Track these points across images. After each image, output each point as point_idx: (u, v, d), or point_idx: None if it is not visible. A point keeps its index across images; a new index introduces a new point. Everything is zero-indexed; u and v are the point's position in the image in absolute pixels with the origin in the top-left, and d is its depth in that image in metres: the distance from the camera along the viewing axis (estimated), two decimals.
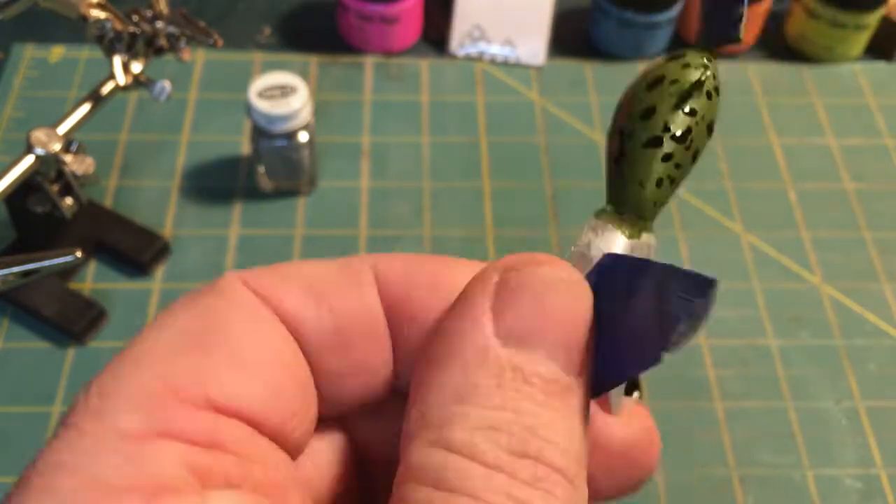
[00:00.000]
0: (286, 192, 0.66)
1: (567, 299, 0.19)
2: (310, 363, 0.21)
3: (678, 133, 0.21)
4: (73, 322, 0.57)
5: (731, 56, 0.78)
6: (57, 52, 0.74)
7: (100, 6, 0.54)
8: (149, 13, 0.56)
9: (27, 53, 0.74)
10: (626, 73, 0.76)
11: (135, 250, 0.61)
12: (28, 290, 0.58)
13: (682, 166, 0.22)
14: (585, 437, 0.19)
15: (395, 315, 0.21)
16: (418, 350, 0.20)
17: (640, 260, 0.20)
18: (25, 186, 0.54)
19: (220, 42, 0.55)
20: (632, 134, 0.22)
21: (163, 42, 0.57)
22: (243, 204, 0.65)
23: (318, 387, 0.21)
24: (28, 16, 0.52)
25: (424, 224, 0.65)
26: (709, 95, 0.21)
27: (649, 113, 0.22)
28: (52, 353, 0.57)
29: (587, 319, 0.19)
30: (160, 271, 0.61)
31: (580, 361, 0.19)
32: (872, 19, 0.75)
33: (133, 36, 0.55)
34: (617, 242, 0.22)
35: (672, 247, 0.64)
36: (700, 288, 0.18)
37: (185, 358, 0.19)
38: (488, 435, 0.17)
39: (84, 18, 0.54)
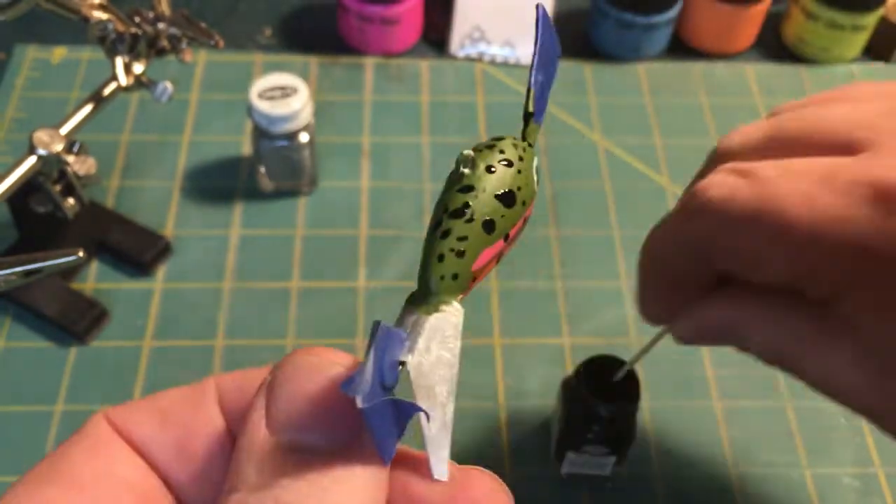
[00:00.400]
0: (287, 193, 0.66)
1: (310, 377, 0.22)
2: (163, 477, 0.23)
3: (451, 209, 0.24)
4: (75, 322, 0.57)
5: (730, 56, 0.78)
6: (59, 52, 0.74)
7: (101, 7, 0.55)
8: (150, 14, 0.56)
9: (29, 54, 0.74)
10: (626, 74, 0.76)
11: (136, 250, 0.61)
12: (30, 289, 0.58)
13: (467, 237, 0.24)
14: (375, 501, 0.20)
15: (235, 423, 0.24)
16: None
17: (392, 333, 0.22)
18: (27, 187, 0.55)
19: (221, 43, 0.56)
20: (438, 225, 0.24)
21: (164, 43, 0.57)
22: (244, 204, 0.65)
23: (178, 496, 0.24)
24: (30, 17, 0.52)
25: (424, 224, 0.65)
26: (489, 169, 0.24)
27: (439, 203, 0.25)
28: (54, 353, 0.57)
29: (333, 394, 0.21)
30: (162, 271, 0.62)
31: (343, 430, 0.21)
32: (870, 20, 0.75)
33: (135, 37, 0.56)
34: (418, 322, 0.23)
35: None
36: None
37: (26, 488, 0.22)
38: None
39: (86, 19, 0.54)
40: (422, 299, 0.24)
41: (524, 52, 0.77)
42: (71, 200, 0.58)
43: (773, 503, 0.53)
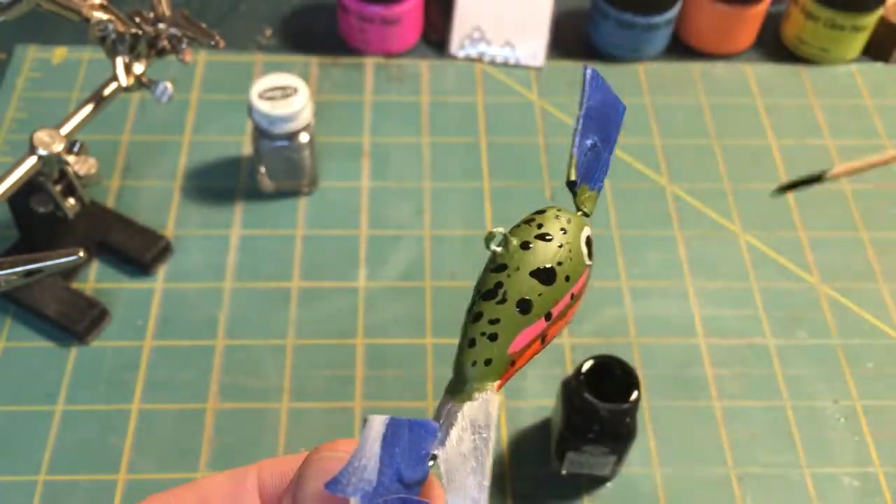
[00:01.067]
0: (287, 193, 0.66)
1: (320, 473, 0.22)
2: None
3: (483, 290, 0.23)
4: (76, 322, 0.57)
5: (730, 56, 0.78)
6: (59, 53, 0.75)
7: (102, 8, 0.55)
8: (151, 15, 0.56)
9: (30, 54, 0.74)
10: (626, 74, 0.76)
11: (137, 250, 0.61)
12: (31, 289, 0.58)
13: (500, 320, 0.23)
14: None
15: None
16: None
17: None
18: (28, 187, 0.55)
19: (222, 43, 0.56)
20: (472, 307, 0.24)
21: (165, 43, 0.57)
22: (244, 204, 0.65)
23: None
24: (31, 17, 0.52)
25: (424, 224, 0.65)
26: (525, 245, 0.23)
27: (476, 284, 0.24)
28: (55, 353, 0.57)
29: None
30: (162, 271, 0.62)
31: None
32: (870, 21, 0.75)
33: (135, 37, 0.56)
34: (451, 411, 0.22)
35: (671, 247, 0.65)
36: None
37: None
38: None
39: (86, 20, 0.54)
40: (457, 387, 0.23)
41: (524, 52, 0.77)
42: (71, 200, 0.58)
43: (773, 503, 0.53)
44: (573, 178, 0.25)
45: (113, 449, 0.54)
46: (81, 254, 0.48)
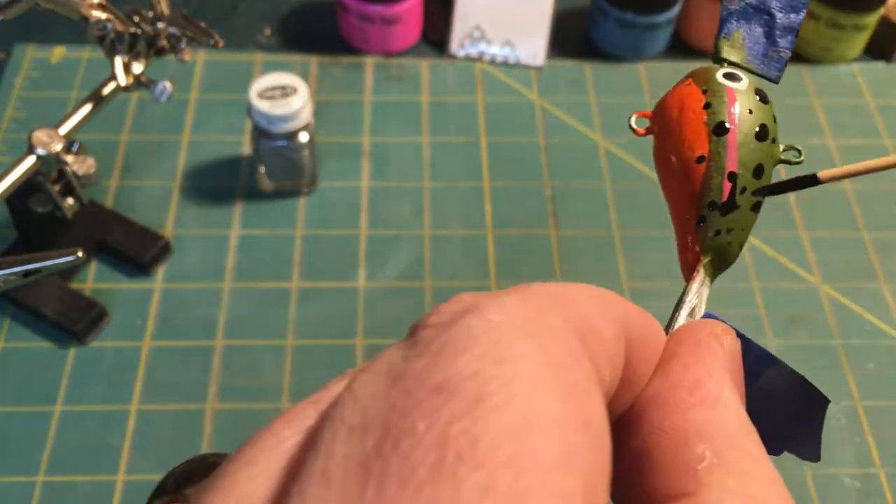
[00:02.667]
0: (287, 193, 0.66)
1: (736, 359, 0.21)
2: None
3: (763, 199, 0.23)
4: (74, 322, 0.57)
5: None
6: (58, 52, 0.74)
7: (101, 7, 0.54)
8: (150, 14, 0.56)
9: (28, 54, 0.74)
10: (626, 74, 0.76)
11: (136, 250, 0.61)
12: (29, 290, 0.58)
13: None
14: None
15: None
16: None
17: (765, 350, 0.22)
18: (27, 187, 0.55)
19: (221, 43, 0.56)
20: (745, 190, 0.22)
21: (164, 43, 0.57)
22: (244, 204, 0.65)
23: None
24: (29, 16, 0.52)
25: (424, 224, 0.65)
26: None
27: (759, 172, 0.22)
28: (53, 353, 0.57)
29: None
30: (161, 271, 0.61)
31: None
32: (871, 20, 0.75)
33: (134, 37, 0.56)
34: (706, 293, 0.23)
35: (671, 247, 0.64)
36: (822, 403, 0.22)
37: None
38: None
39: (85, 19, 0.54)
40: (713, 271, 0.23)
41: (524, 51, 0.77)
42: (70, 200, 0.58)
43: None
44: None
45: (112, 449, 0.53)
46: (80, 254, 0.48)
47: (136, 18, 0.55)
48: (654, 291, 0.62)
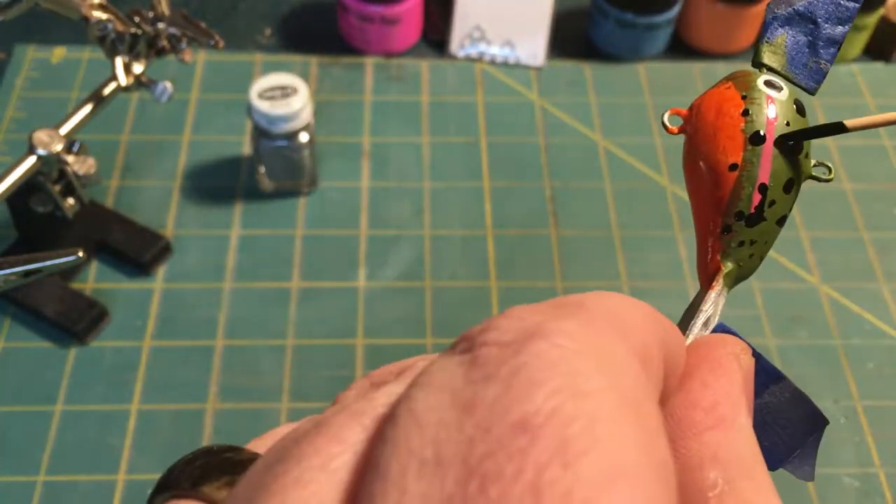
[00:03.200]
0: (287, 193, 0.66)
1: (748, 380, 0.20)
2: None
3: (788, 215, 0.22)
4: (75, 322, 0.57)
5: (729, 57, 0.78)
6: (59, 52, 0.74)
7: (101, 7, 0.55)
8: (150, 14, 0.56)
9: (29, 54, 0.74)
10: (626, 74, 0.76)
11: (136, 250, 0.61)
12: (30, 289, 0.58)
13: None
14: None
15: None
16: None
17: (771, 365, 0.22)
18: (27, 187, 0.55)
19: (221, 43, 0.56)
20: (773, 203, 0.22)
21: (164, 43, 0.57)
22: (244, 204, 0.65)
23: None
24: (30, 17, 0.52)
25: (424, 224, 0.65)
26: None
27: (790, 186, 0.22)
28: (54, 353, 0.57)
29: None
30: (161, 271, 0.62)
31: None
32: (871, 20, 0.75)
33: (134, 37, 0.56)
34: (722, 303, 0.22)
35: (671, 247, 0.65)
36: (821, 424, 0.21)
37: None
38: None
39: (86, 19, 0.54)
40: (732, 282, 0.23)
41: (524, 52, 0.77)
42: (71, 200, 0.58)
43: None
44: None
45: (112, 449, 0.53)
46: (80, 254, 0.48)
47: (137, 19, 0.55)
48: (654, 291, 0.62)
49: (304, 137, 0.63)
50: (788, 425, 0.22)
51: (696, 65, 0.77)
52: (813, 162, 0.23)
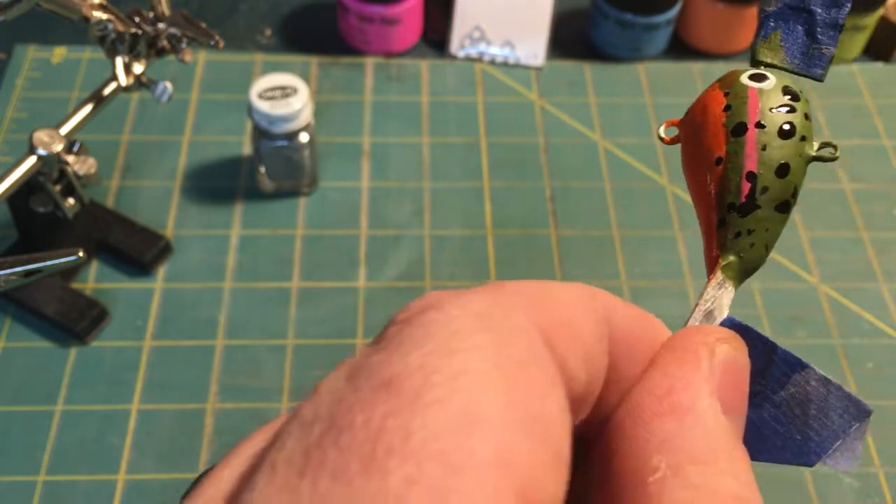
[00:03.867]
0: (287, 193, 0.66)
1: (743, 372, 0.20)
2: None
3: (797, 198, 0.22)
4: (75, 322, 0.57)
5: (729, 57, 0.78)
6: (59, 52, 0.75)
7: (101, 7, 0.55)
8: (150, 14, 0.56)
9: (29, 54, 0.74)
10: (626, 74, 0.76)
11: (136, 250, 0.61)
12: (30, 289, 0.58)
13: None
14: None
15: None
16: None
17: (792, 355, 0.21)
18: (28, 187, 0.55)
19: (221, 43, 0.56)
20: (766, 189, 0.22)
21: (164, 43, 0.57)
22: (244, 204, 0.65)
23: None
24: (30, 17, 0.52)
25: (424, 224, 0.65)
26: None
27: (784, 171, 0.22)
28: (54, 353, 0.57)
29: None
30: (162, 271, 0.62)
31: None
32: (870, 20, 0.75)
33: (135, 37, 0.56)
34: (729, 297, 0.22)
35: (671, 247, 0.65)
36: (862, 413, 0.21)
37: None
38: None
39: (86, 20, 0.54)
40: (737, 275, 0.23)
41: (524, 52, 0.77)
42: (71, 200, 0.58)
43: (774, 503, 0.53)
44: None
45: (113, 449, 0.54)
46: (81, 254, 0.48)
47: (137, 19, 0.55)
48: (653, 291, 0.62)
49: (304, 137, 0.63)
50: (821, 416, 0.21)
51: (696, 65, 0.77)
52: (816, 144, 0.22)
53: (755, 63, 0.24)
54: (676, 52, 0.78)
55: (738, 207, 0.22)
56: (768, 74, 0.23)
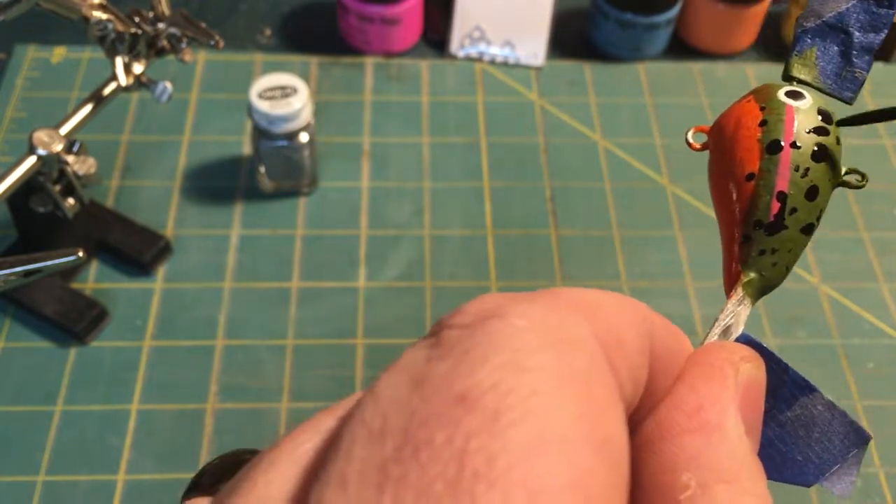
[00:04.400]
0: (287, 193, 0.66)
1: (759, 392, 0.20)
2: None
3: (820, 222, 0.22)
4: (75, 322, 0.57)
5: (729, 57, 0.78)
6: (59, 52, 0.74)
7: (101, 7, 0.55)
8: (150, 14, 0.56)
9: (29, 54, 0.74)
10: (626, 74, 0.76)
11: (136, 250, 0.61)
12: (30, 289, 0.58)
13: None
14: None
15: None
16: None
17: (802, 377, 0.21)
18: (27, 187, 0.55)
19: (221, 43, 0.56)
20: (794, 210, 0.22)
21: (164, 43, 0.57)
22: (244, 204, 0.65)
23: None
24: (30, 17, 0.52)
25: (424, 224, 0.65)
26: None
27: (814, 194, 0.22)
28: (54, 353, 0.57)
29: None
30: (161, 271, 0.62)
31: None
32: None
33: (134, 37, 0.56)
34: (746, 313, 0.22)
35: (671, 247, 0.65)
36: (861, 439, 0.21)
37: None
38: None
39: (86, 19, 0.54)
40: (756, 291, 0.23)
41: (524, 51, 0.77)
42: (71, 200, 0.58)
43: (773, 503, 0.53)
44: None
45: (112, 449, 0.53)
46: (81, 254, 0.48)
47: (137, 19, 0.55)
48: (653, 291, 0.62)
49: (304, 137, 0.63)
50: (823, 439, 0.22)
51: (696, 65, 0.77)
52: (844, 169, 0.22)
53: (787, 77, 0.24)
54: (676, 52, 0.78)
55: (766, 226, 0.22)
56: (804, 93, 0.23)
